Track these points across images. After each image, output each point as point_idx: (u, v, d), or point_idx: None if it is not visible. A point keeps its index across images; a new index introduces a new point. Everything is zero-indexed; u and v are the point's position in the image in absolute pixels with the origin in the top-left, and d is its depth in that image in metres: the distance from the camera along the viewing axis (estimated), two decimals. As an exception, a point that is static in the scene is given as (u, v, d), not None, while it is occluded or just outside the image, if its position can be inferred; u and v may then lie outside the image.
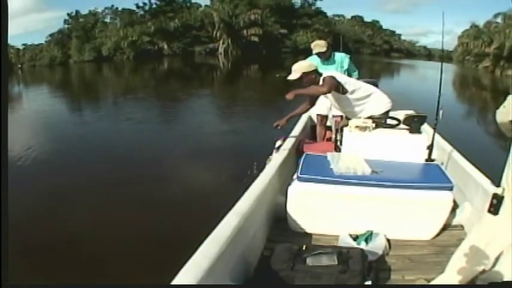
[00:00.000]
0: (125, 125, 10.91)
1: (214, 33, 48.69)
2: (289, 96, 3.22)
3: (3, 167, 1.06)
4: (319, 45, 4.08)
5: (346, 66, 4.17)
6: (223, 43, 49.06)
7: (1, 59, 1.06)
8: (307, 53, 4.27)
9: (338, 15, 69.96)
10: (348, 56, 4.23)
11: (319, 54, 4.13)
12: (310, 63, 3.45)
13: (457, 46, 41.49)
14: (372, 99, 3.35)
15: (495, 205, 1.63)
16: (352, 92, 3.30)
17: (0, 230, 1.05)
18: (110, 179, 5.91)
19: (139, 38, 47.05)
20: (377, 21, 75.37)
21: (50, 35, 48.71)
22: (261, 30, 48.18)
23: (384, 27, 76.98)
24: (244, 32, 48.47)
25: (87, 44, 46.63)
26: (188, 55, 47.66)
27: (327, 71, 4.08)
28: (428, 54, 75.32)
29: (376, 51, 67.39)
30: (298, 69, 3.31)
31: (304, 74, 3.30)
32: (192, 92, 18.43)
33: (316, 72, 3.36)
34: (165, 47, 49.37)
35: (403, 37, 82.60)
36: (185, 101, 15.67)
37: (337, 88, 3.26)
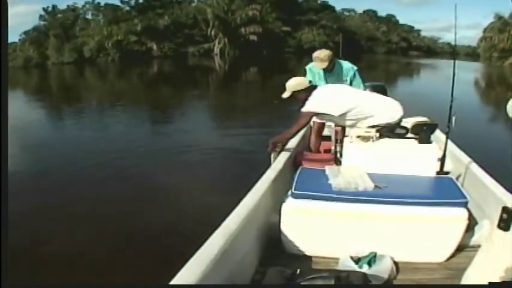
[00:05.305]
0: (110, 135, 11.04)
1: (209, 31, 48.94)
2: (270, 149, 3.55)
3: (3, 167, 1.11)
4: (319, 59, 4.06)
5: (349, 80, 4.16)
6: (219, 43, 49.33)
7: (1, 59, 1.12)
8: (313, 52, 4.25)
9: (348, 10, 70.94)
10: (355, 68, 4.19)
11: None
12: (300, 81, 3.58)
13: (479, 41, 40.65)
14: (373, 114, 3.33)
15: (505, 220, 1.60)
16: (343, 115, 3.38)
17: (0, 230, 1.10)
18: (94, 192, 6.01)
19: (125, 37, 47.34)
20: (393, 16, 76.38)
21: (24, 33, 49.13)
22: (260, 28, 48.38)
23: (401, 22, 77.86)
24: (242, 30, 48.68)
25: (66, 44, 46.93)
26: (180, 56, 47.76)
27: (327, 80, 4.17)
28: (453, 52, 75.35)
29: (392, 50, 67.60)
30: (288, 88, 3.52)
31: (296, 93, 3.50)
32: (185, 99, 18.49)
33: (307, 90, 3.49)
34: (155, 47, 49.60)
35: (423, 33, 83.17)
36: (177, 109, 15.75)
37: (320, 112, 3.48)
